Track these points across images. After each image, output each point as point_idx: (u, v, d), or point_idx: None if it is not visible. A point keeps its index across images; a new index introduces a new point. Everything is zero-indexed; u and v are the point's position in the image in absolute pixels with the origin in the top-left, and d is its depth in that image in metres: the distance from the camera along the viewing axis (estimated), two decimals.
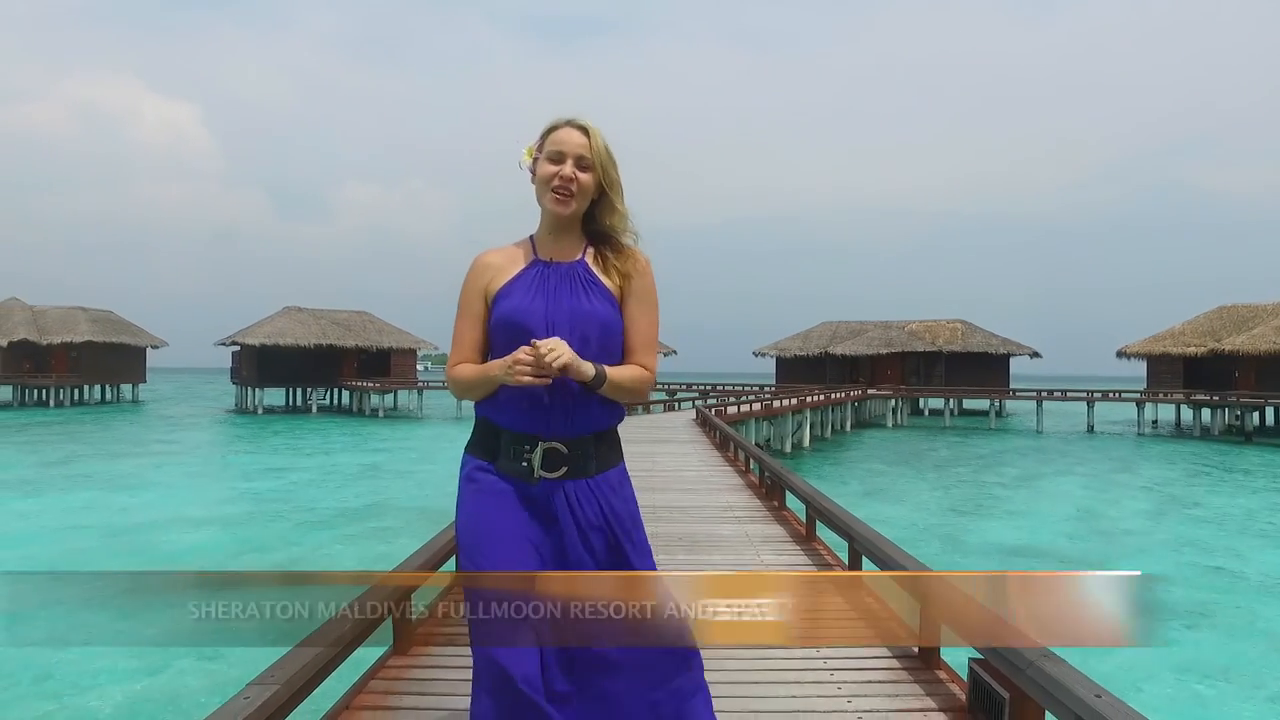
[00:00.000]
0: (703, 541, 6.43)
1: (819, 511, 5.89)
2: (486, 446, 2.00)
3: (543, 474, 1.94)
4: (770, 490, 8.56)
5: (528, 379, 1.85)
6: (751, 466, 10.79)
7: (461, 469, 2.05)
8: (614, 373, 1.97)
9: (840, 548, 5.68)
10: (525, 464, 1.94)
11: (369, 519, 14.82)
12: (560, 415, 1.95)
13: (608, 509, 1.98)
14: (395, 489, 18.68)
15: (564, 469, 1.95)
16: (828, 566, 5.69)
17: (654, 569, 2.02)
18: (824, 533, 6.23)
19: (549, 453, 1.95)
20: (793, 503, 7.53)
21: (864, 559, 4.58)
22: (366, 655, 3.18)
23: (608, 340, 2.00)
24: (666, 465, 11.96)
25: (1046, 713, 2.37)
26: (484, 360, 2.03)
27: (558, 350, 1.85)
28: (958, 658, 3.28)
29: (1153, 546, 13.50)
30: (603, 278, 2.04)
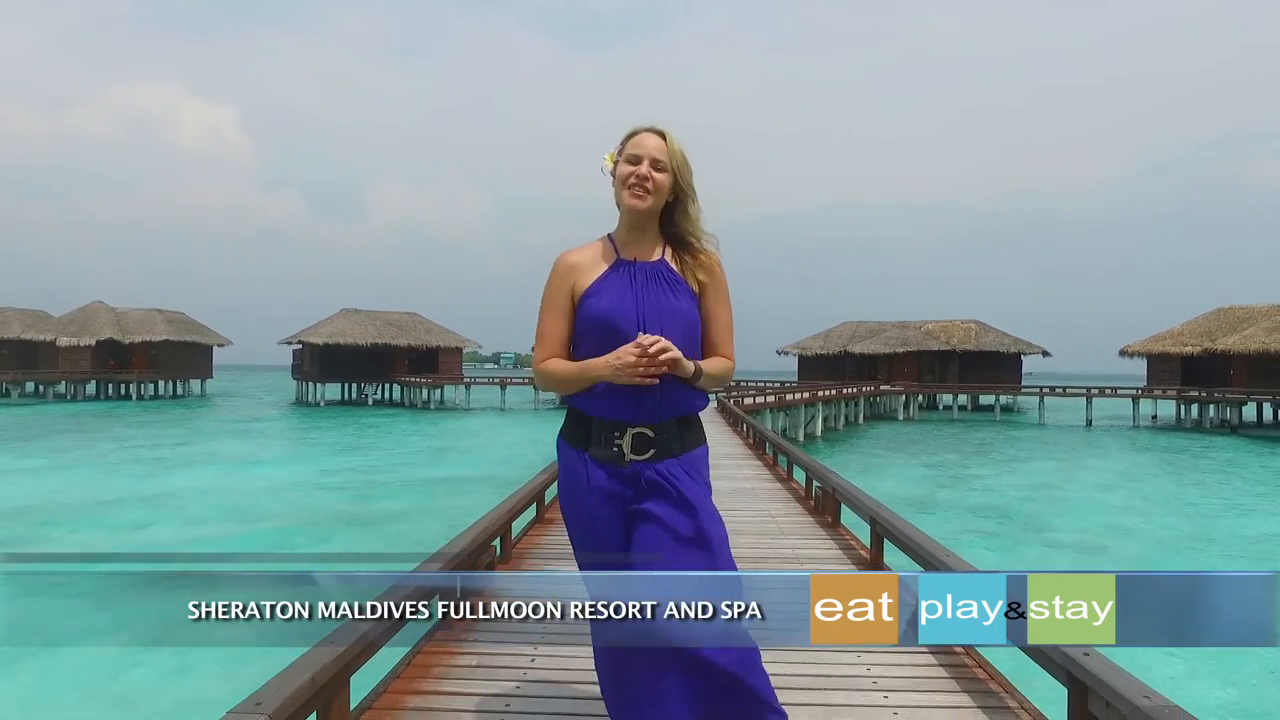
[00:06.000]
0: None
1: (777, 446, 9.87)
2: (580, 434, 2.17)
3: (633, 457, 2.11)
4: (757, 443, 12.67)
5: (639, 379, 2.01)
6: (747, 432, 14.74)
7: (560, 457, 2.23)
8: (705, 365, 2.13)
9: (792, 471, 9.26)
10: (616, 449, 2.11)
11: (449, 485, 18.48)
12: (646, 402, 2.10)
13: (691, 483, 2.13)
14: (464, 463, 22.48)
15: (651, 451, 2.11)
16: (780, 479, 9.31)
17: (725, 531, 2.17)
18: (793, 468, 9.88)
19: (637, 437, 2.11)
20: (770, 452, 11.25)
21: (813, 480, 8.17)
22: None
23: (691, 336, 2.14)
24: None
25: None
26: (568, 353, 2.18)
27: (666, 347, 2.00)
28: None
29: (1086, 508, 16.62)
30: (683, 276, 2.16)
